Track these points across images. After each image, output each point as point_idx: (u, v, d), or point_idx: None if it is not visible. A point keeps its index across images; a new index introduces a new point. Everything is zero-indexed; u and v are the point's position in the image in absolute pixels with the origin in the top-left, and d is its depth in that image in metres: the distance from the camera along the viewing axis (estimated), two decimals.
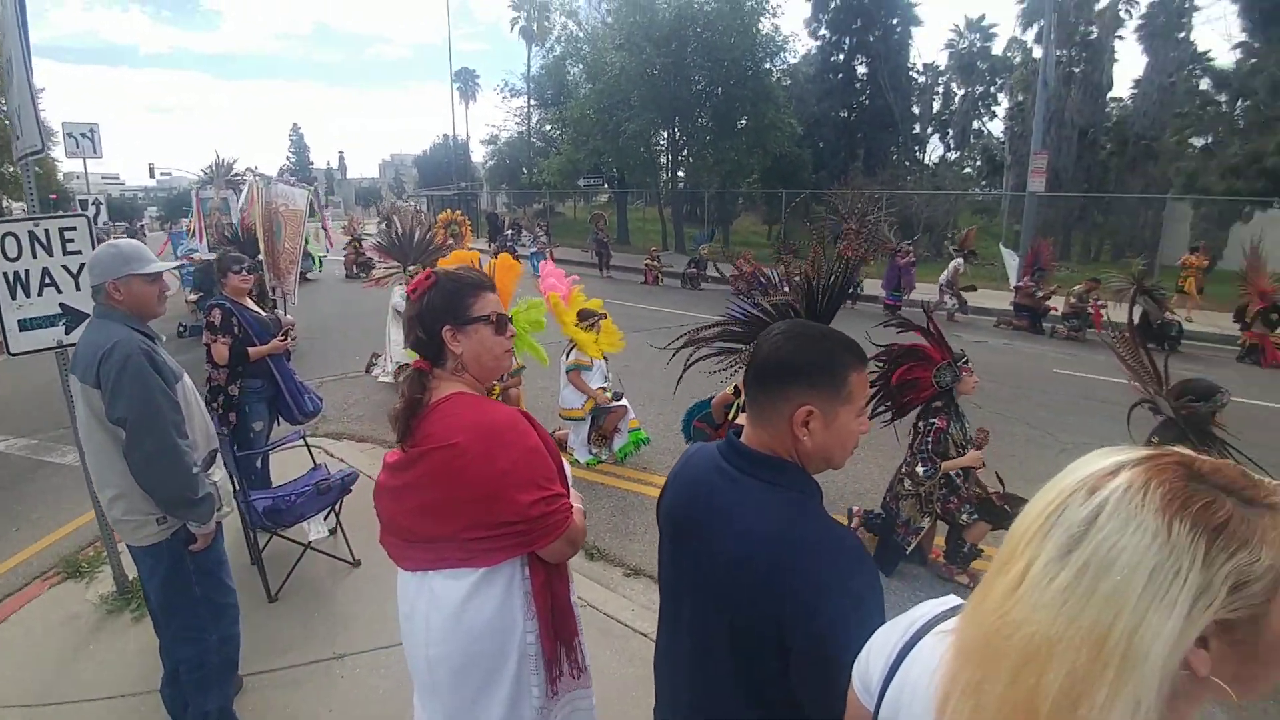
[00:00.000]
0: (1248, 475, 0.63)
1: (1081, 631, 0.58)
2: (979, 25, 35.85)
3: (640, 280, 16.01)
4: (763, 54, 20.83)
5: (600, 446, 5.22)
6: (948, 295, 11.65)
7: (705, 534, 1.13)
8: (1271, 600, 0.59)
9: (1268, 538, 0.59)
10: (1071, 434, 5.80)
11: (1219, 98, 19.59)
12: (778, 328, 1.16)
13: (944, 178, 29.84)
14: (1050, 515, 0.63)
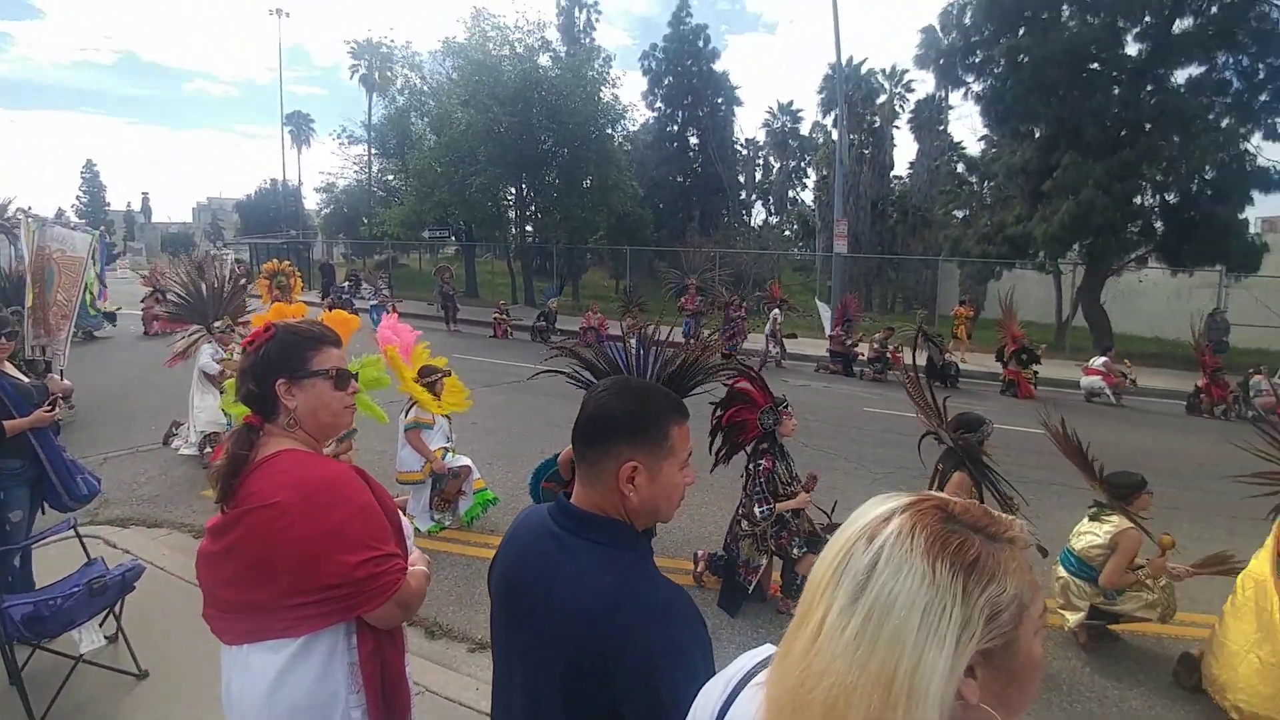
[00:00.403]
0: (990, 513, 0.69)
1: (872, 675, 0.60)
2: (789, 109, 40.79)
3: (489, 334, 15.76)
4: (605, 120, 22.06)
5: (444, 511, 4.98)
6: (772, 344, 12.79)
7: (535, 598, 1.11)
8: (1018, 626, 0.64)
9: (1010, 569, 0.64)
10: (882, 465, 6.55)
11: (971, 179, 23.95)
12: (601, 385, 1.20)
13: (767, 239, 33.03)
14: (838, 565, 0.66)
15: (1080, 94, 16.30)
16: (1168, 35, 16.05)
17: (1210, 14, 15.67)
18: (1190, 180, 16.13)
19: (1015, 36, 16.81)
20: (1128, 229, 16.31)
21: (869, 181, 28.04)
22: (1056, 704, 3.11)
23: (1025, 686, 0.67)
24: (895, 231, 27.82)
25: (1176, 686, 3.26)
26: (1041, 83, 16.32)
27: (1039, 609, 0.66)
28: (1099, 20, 16.24)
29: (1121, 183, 15.43)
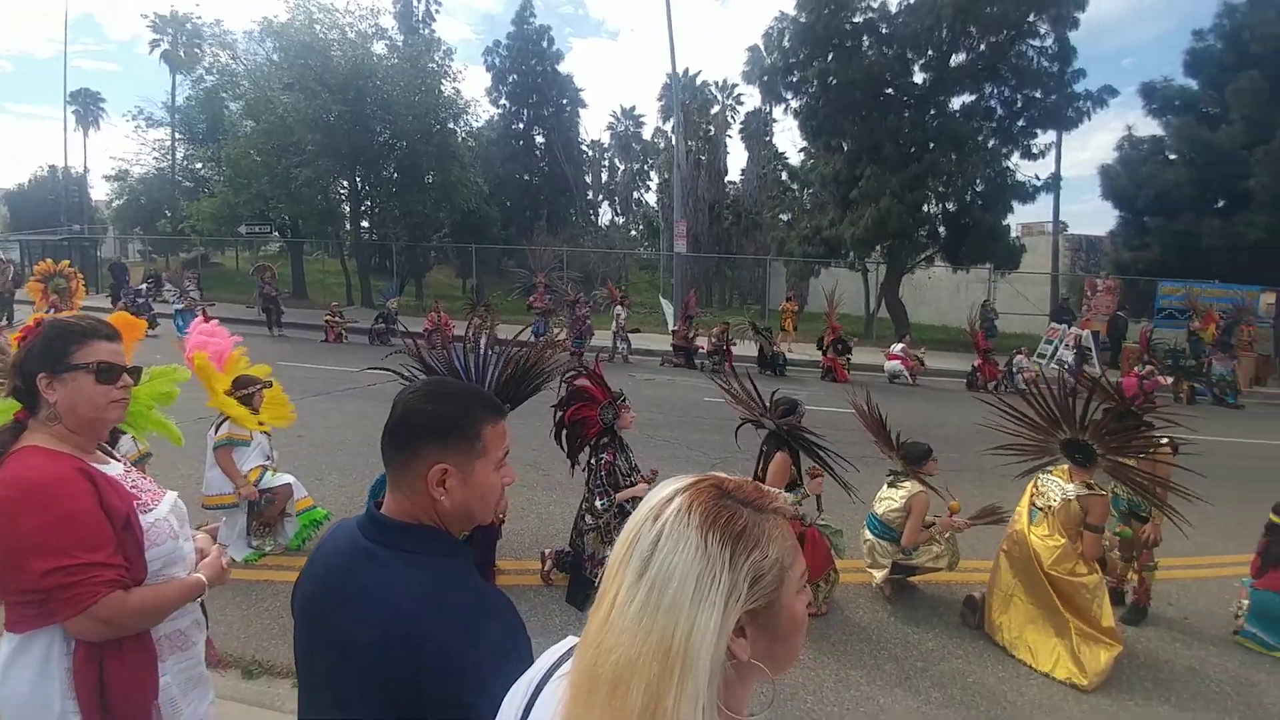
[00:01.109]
0: (759, 488, 0.75)
1: (653, 645, 0.63)
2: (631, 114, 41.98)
3: (321, 338, 14.52)
4: (446, 114, 21.18)
5: (264, 536, 4.50)
6: (619, 340, 13.13)
7: (340, 617, 1.05)
8: (781, 586, 0.69)
9: (773, 536, 0.70)
10: (720, 451, 6.98)
11: (793, 186, 26.28)
12: (410, 387, 1.16)
13: (614, 238, 33.74)
14: (629, 544, 0.69)
15: (878, 114, 18.47)
16: (947, 67, 18.69)
17: (980, 51, 18.48)
18: (965, 192, 18.94)
19: (825, 61, 18.64)
20: (918, 233, 18.84)
21: (706, 186, 29.63)
22: (867, 653, 3.52)
23: (790, 641, 0.73)
24: (730, 233, 29.68)
25: (964, 626, 3.83)
26: (847, 103, 18.31)
27: (799, 570, 0.74)
28: (892, 51, 18.53)
29: (912, 193, 17.76)
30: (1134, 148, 20.32)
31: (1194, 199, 18.36)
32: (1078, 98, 18.67)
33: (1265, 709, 3.20)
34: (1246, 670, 3.52)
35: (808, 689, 3.16)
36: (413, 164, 20.63)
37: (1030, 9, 17.22)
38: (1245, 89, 17.28)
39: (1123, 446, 3.52)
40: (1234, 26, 18.50)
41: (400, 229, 22.34)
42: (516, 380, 4.17)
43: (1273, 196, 16.29)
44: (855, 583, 4.21)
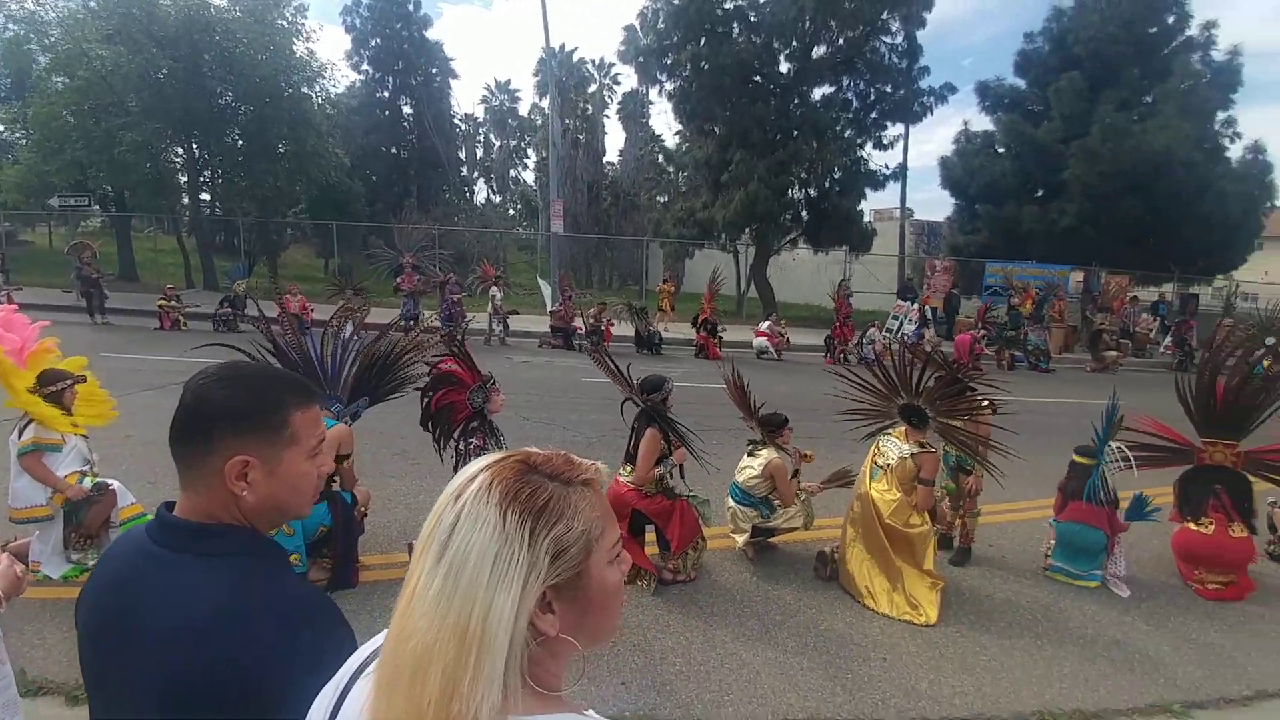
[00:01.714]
0: (570, 460, 0.74)
1: (449, 629, 0.62)
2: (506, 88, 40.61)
3: (155, 325, 12.93)
4: (299, 77, 19.35)
5: (86, 550, 3.98)
6: (496, 323, 12.83)
7: (129, 631, 0.95)
8: (588, 558, 0.69)
9: (579, 509, 0.69)
10: (597, 430, 7.06)
11: (669, 168, 26.75)
12: (203, 372, 1.03)
13: (490, 218, 32.70)
14: (432, 527, 0.68)
15: (747, 101, 19.19)
16: (809, 59, 19.72)
17: (838, 45, 19.64)
18: (824, 179, 20.21)
19: (698, 45, 19.04)
20: (783, 217, 19.90)
21: (584, 166, 29.47)
22: (732, 612, 3.74)
23: (604, 612, 0.72)
24: (609, 214, 29.80)
25: (817, 579, 4.17)
26: (718, 88, 18.84)
27: (610, 541, 0.74)
28: (760, 39, 19.26)
29: (778, 178, 18.70)
30: (969, 141, 22.63)
31: (1017, 188, 20.80)
32: (923, 93, 20.41)
33: (1070, 631, 3.75)
34: (1053, 599, 4.10)
35: (676, 652, 3.31)
36: (260, 131, 18.71)
37: (884, 6, 18.51)
38: (1065, 89, 19.67)
39: (950, 410, 3.97)
40: (1060, 30, 20.96)
41: (248, 203, 20.31)
42: (378, 372, 3.98)
43: (1084, 187, 18.80)
44: (720, 548, 4.44)
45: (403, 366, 4.05)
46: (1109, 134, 18.10)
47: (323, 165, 20.07)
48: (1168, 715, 3.07)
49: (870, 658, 3.36)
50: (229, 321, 12.99)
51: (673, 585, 3.95)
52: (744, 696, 3.01)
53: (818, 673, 3.21)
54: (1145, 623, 3.88)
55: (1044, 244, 19.63)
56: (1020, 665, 3.38)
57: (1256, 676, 3.39)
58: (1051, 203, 20.00)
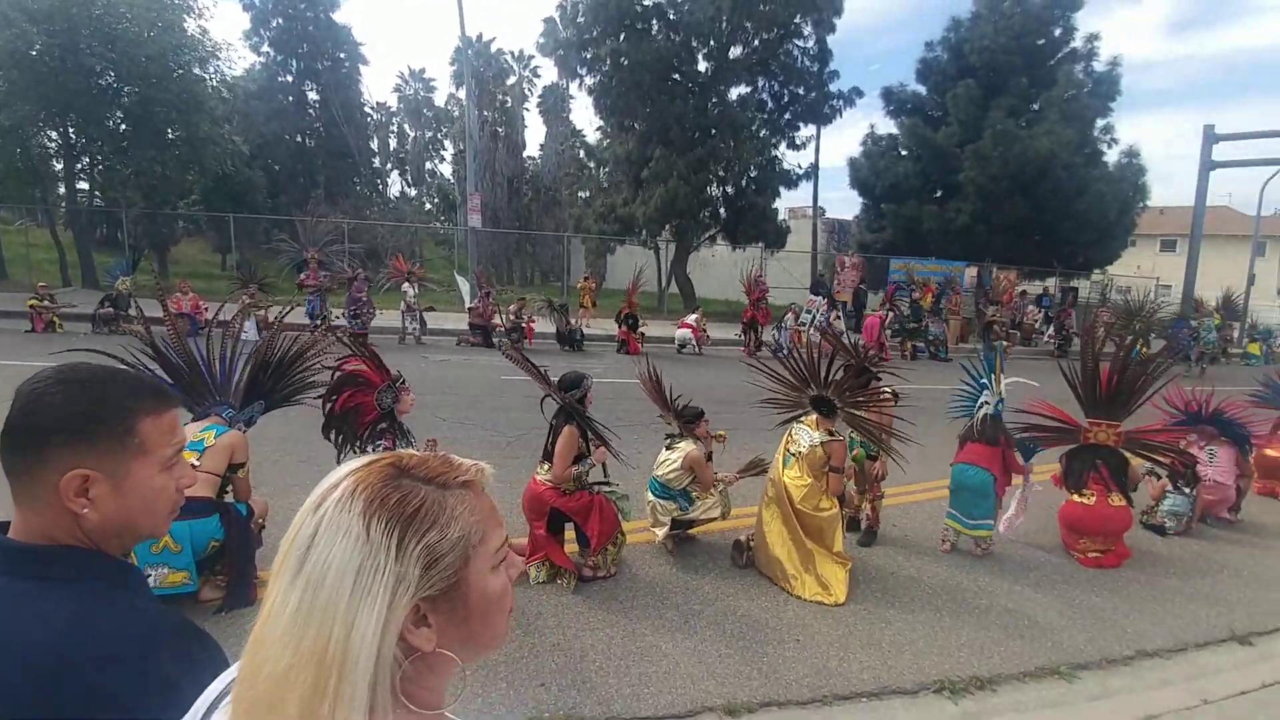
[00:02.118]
0: (449, 461, 0.70)
1: (305, 653, 0.57)
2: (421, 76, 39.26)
3: (26, 328, 11.63)
4: (190, 56, 17.86)
5: None
6: (410, 320, 12.36)
7: None
8: (466, 565, 0.65)
9: (457, 513, 0.65)
10: (517, 429, 6.93)
11: (590, 164, 26.63)
12: (37, 375, 0.91)
13: (405, 211, 31.52)
14: (290, 541, 0.62)
15: (667, 98, 19.38)
16: (726, 59, 20.12)
17: (754, 46, 20.14)
18: (741, 177, 20.72)
19: (618, 40, 19.05)
20: (702, 213, 20.26)
21: (504, 159, 28.89)
22: (652, 605, 3.75)
23: (487, 621, 0.68)
24: (531, 209, 29.37)
25: (734, 567, 4.25)
26: (638, 84, 18.93)
27: (494, 545, 0.69)
28: (679, 38, 19.47)
29: (697, 175, 19.02)
30: (875, 143, 23.76)
31: (918, 189, 22.04)
32: (833, 96, 21.26)
33: (966, 603, 3.99)
34: (951, 573, 4.35)
35: (597, 649, 3.29)
36: (146, 114, 17.18)
37: (796, 10, 19.13)
38: (961, 95, 20.98)
39: (857, 401, 4.15)
40: (958, 40, 22.30)
41: (133, 193, 18.65)
42: (274, 374, 3.74)
43: (977, 188, 20.14)
44: (640, 542, 4.45)
45: (302, 368, 3.82)
46: (999, 139, 19.47)
47: (218, 153, 18.67)
48: (1056, 677, 3.31)
49: (785, 640, 3.45)
50: (110, 322, 11.88)
51: (593, 582, 3.92)
52: (663, 687, 3.03)
53: (734, 658, 3.27)
54: (1034, 590, 4.18)
55: (942, 241, 20.92)
56: (922, 638, 3.56)
57: (1135, 636, 3.72)
58: (949, 202, 21.34)
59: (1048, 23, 21.40)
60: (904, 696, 3.09)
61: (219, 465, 3.30)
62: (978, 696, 3.12)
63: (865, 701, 3.04)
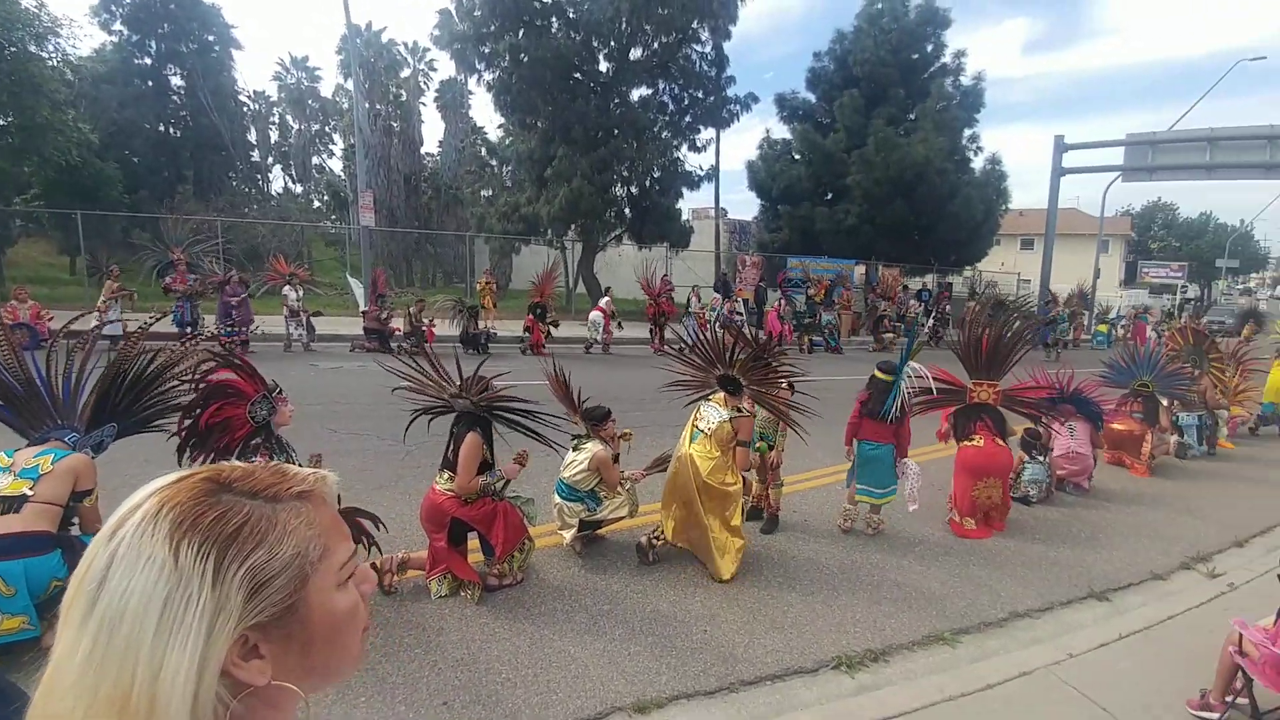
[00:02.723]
0: (281, 471, 0.63)
1: (104, 702, 0.50)
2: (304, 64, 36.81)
3: None
4: (24, 33, 15.76)
5: None
6: (294, 325, 11.54)
7: None
8: (304, 586, 0.58)
9: (289, 528, 0.58)
10: (414, 439, 6.58)
11: (492, 162, 25.98)
12: None
13: (290, 209, 29.48)
14: (78, 577, 0.54)
15: (569, 97, 19.24)
16: (627, 60, 20.23)
17: (654, 49, 20.36)
18: (645, 178, 20.94)
19: (516, 36, 18.69)
20: (608, 213, 20.30)
21: (400, 156, 27.66)
22: (560, 610, 3.68)
23: (336, 645, 0.62)
24: (431, 208, 28.30)
25: (642, 565, 4.25)
26: (539, 82, 18.67)
27: (339, 559, 0.62)
28: (580, 36, 19.37)
29: (600, 175, 19.02)
30: (771, 148, 24.71)
31: (810, 191, 23.14)
32: (730, 101, 21.89)
33: (860, 580, 4.17)
34: (847, 553, 4.57)
35: (503, 660, 3.19)
36: None
37: (694, 16, 19.52)
38: (847, 104, 22.21)
39: (759, 379, 4.31)
40: (843, 51, 23.56)
41: None
42: (129, 393, 3.34)
43: (863, 191, 21.39)
44: (548, 546, 4.37)
45: (165, 385, 3.43)
46: (881, 145, 20.79)
47: (60, 142, 16.61)
48: (941, 643, 3.55)
49: (692, 632, 3.49)
50: None
51: (499, 591, 3.80)
52: (572, 692, 2.97)
53: (644, 655, 3.26)
54: (919, 564, 4.47)
55: (833, 241, 22.11)
56: (821, 617, 3.71)
57: (1008, 599, 4.05)
58: (838, 205, 22.57)
59: (921, 39, 23.07)
60: (805, 675, 3.20)
61: (59, 494, 2.91)
62: (872, 669, 3.29)
63: (769, 684, 3.12)
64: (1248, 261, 55.59)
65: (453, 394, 3.88)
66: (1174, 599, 4.11)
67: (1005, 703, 2.99)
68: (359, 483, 5.21)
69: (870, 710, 2.89)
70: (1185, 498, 6.24)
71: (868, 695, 3.02)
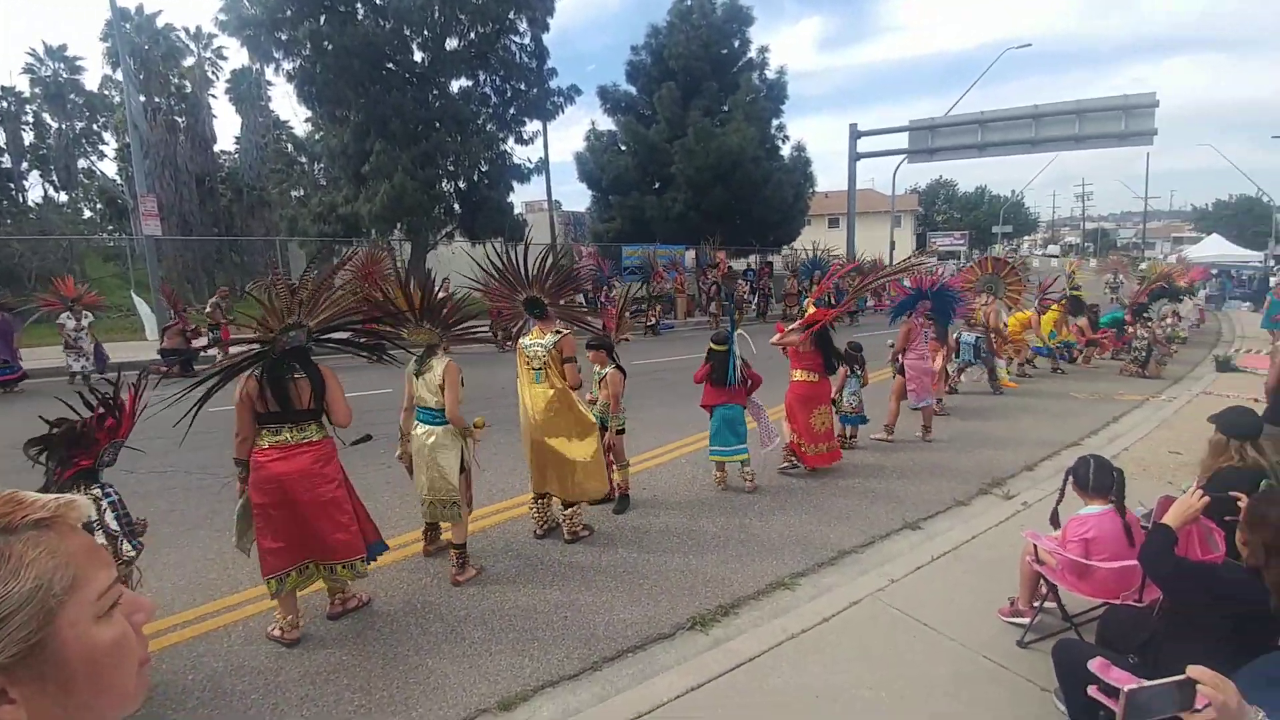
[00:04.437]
0: (14, 500, 0.58)
1: None
2: (61, 54, 31.19)
3: None
4: None
5: None
6: (76, 358, 9.83)
7: None
8: (54, 620, 0.55)
9: (27, 559, 0.55)
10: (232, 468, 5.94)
11: (301, 159, 23.70)
12: None
13: (53, 221, 24.96)
14: None
15: (382, 88, 18.08)
16: (443, 50, 19.34)
17: (471, 39, 19.65)
18: (472, 172, 20.28)
19: (317, 23, 17.18)
20: (435, 210, 19.43)
21: (189, 155, 24.38)
22: (414, 623, 3.52)
23: (101, 681, 0.57)
24: (232, 211, 25.29)
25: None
26: (348, 72, 17.32)
27: (96, 588, 0.57)
28: (389, 25, 18.20)
29: (424, 170, 18.13)
30: (597, 139, 25.01)
31: (639, 181, 23.80)
32: (554, 93, 21.74)
33: (708, 542, 4.45)
34: (694, 520, 4.82)
35: (354, 687, 3.00)
36: None
37: (510, 7, 19.10)
38: (665, 96, 23.02)
39: (559, 294, 4.51)
40: (658, 45, 24.29)
41: None
42: None
43: (687, 179, 22.37)
44: (396, 560, 4.17)
45: None
46: (700, 135, 21.88)
47: None
48: (783, 589, 3.87)
49: (552, 621, 3.51)
50: None
51: (343, 617, 3.56)
52: (433, 705, 2.88)
53: (506, 653, 3.23)
54: (759, 520, 4.84)
55: (664, 228, 22.99)
56: (675, 583, 3.90)
57: (835, 539, 4.51)
58: (665, 193, 23.48)
59: (728, 35, 24.51)
60: (664, 641, 3.36)
61: None
62: (724, 622, 3.52)
63: (632, 656, 3.24)
64: (1020, 227, 65.50)
65: (289, 325, 3.34)
66: (976, 521, 4.72)
67: (840, 632, 3.34)
68: (166, 525, 4.62)
69: (724, 661, 3.09)
70: (980, 433, 7.26)
71: (721, 648, 3.22)
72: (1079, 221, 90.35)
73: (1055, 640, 2.68)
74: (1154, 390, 9.30)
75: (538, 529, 4.53)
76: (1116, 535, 2.96)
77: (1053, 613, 3.25)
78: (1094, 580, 2.99)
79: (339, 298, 3.59)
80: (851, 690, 2.88)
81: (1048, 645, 2.78)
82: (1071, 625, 3.10)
